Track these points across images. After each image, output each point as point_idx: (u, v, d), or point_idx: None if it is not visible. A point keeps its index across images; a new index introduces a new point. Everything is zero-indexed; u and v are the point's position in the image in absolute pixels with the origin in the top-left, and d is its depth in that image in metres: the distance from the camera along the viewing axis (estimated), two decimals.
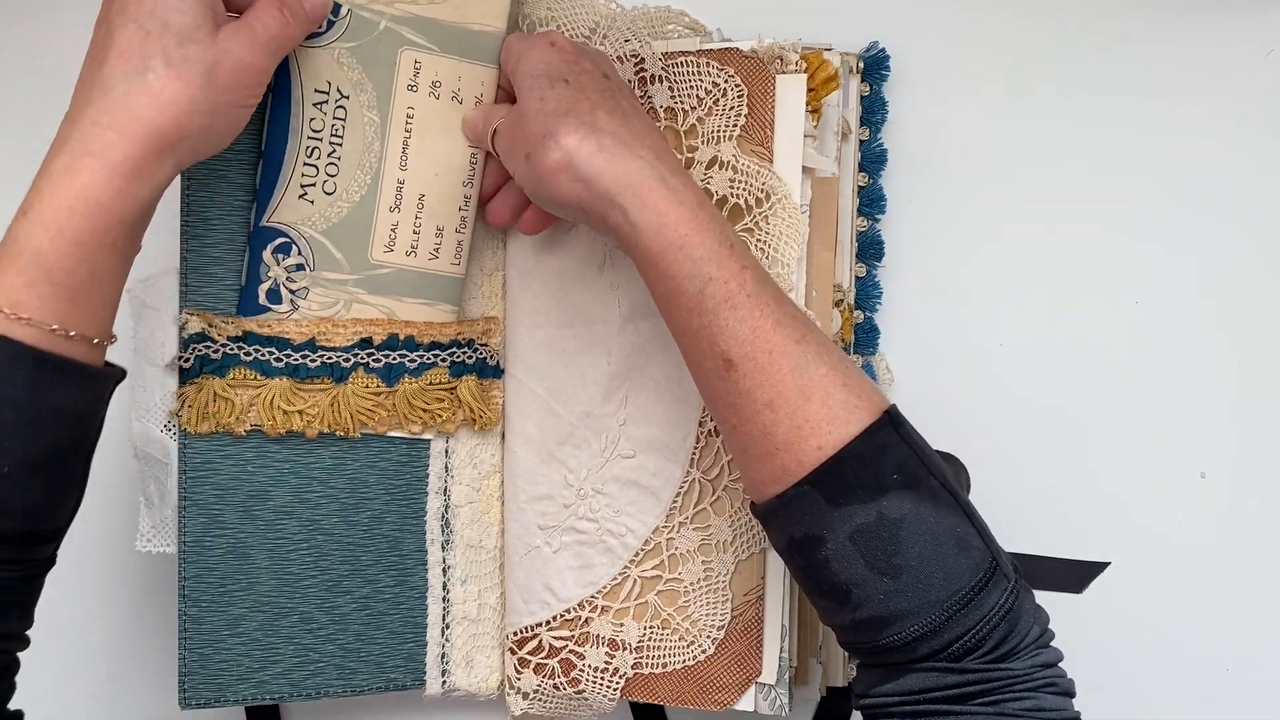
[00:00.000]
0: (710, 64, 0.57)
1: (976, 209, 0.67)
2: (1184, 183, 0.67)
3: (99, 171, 0.46)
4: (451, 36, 0.57)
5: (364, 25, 0.55)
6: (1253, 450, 0.68)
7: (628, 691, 0.60)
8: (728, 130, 0.57)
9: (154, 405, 0.57)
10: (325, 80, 0.55)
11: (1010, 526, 0.67)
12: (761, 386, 0.48)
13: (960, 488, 0.50)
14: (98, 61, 0.48)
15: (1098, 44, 0.67)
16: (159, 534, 0.58)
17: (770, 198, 0.56)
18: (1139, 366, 0.68)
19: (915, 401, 0.66)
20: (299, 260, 0.56)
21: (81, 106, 0.47)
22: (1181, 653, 0.68)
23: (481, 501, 0.61)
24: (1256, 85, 0.67)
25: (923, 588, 0.46)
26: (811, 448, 0.47)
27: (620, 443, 0.59)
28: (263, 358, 0.56)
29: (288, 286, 0.56)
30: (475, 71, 0.57)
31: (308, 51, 0.55)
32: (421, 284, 0.58)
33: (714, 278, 0.48)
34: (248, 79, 0.50)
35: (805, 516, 0.48)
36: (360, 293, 0.57)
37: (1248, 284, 0.68)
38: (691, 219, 0.49)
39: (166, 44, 0.47)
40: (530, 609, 0.61)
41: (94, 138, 0.46)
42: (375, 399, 0.58)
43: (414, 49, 0.56)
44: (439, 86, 0.57)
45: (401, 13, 0.56)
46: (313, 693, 0.59)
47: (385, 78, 0.56)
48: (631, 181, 0.49)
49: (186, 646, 0.57)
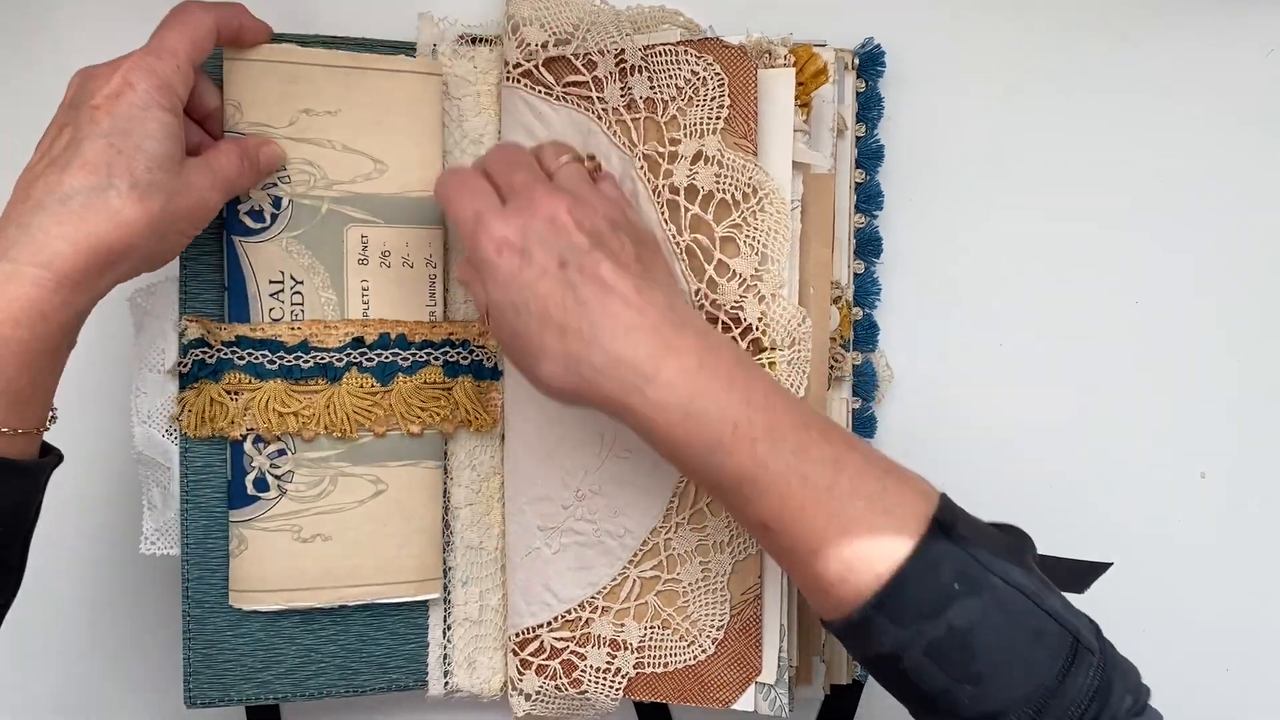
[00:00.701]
0: (689, 53, 0.57)
1: (975, 205, 0.66)
2: (1184, 182, 0.67)
3: (46, 283, 0.46)
4: (393, 207, 0.58)
5: (306, 212, 0.57)
6: (1253, 450, 0.67)
7: (631, 691, 0.60)
8: (710, 123, 0.57)
9: (155, 410, 0.58)
10: (278, 270, 0.57)
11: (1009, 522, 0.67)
12: (801, 540, 0.47)
13: (1026, 567, 0.49)
14: (57, 167, 0.47)
15: (1097, 42, 0.66)
16: (163, 537, 0.59)
17: (758, 193, 0.56)
18: (1139, 366, 0.67)
19: (914, 398, 0.66)
20: (280, 446, 0.57)
21: (32, 209, 0.46)
22: (1181, 653, 0.67)
23: (481, 503, 0.62)
24: (1256, 85, 0.67)
25: (1006, 688, 0.46)
26: (866, 579, 0.46)
27: (618, 441, 0.59)
28: (256, 361, 0.57)
29: (272, 473, 0.57)
30: (422, 235, 0.59)
31: (257, 246, 0.57)
32: (402, 447, 0.59)
33: (725, 465, 0.47)
34: (200, 214, 0.52)
35: (876, 638, 0.47)
36: (345, 465, 0.58)
37: (1248, 284, 0.67)
38: (683, 418, 0.47)
39: (135, 167, 0.47)
40: (531, 610, 0.61)
41: (44, 247, 0.46)
42: (371, 398, 0.58)
43: (358, 224, 0.58)
44: (389, 255, 0.58)
45: (341, 194, 0.57)
46: (315, 693, 0.60)
47: (335, 257, 0.57)
48: (612, 397, 0.48)
49: (191, 647, 0.58)
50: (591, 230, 0.50)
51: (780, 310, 0.57)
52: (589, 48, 0.57)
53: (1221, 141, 0.66)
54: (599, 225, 0.51)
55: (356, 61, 0.57)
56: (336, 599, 0.58)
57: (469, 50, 0.60)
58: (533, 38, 0.58)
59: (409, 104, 0.58)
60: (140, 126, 0.48)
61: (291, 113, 0.56)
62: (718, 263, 0.57)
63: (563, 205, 0.50)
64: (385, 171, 0.58)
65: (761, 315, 0.56)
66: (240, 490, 0.57)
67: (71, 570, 0.63)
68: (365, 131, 0.57)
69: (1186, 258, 0.67)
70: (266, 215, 0.57)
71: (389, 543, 0.59)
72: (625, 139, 0.58)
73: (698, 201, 0.57)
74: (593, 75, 0.58)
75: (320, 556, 0.58)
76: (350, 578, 0.58)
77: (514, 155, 0.53)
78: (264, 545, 0.57)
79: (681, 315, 0.50)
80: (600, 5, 0.58)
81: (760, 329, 0.57)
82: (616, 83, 0.58)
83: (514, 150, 0.54)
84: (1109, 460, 0.67)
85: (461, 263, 0.56)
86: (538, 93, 0.59)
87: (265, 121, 0.56)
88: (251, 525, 0.57)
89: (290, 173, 0.57)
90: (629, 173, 0.58)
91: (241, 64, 0.55)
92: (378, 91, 0.57)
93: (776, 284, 0.57)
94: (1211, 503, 0.67)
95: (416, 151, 0.58)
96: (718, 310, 0.57)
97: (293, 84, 0.56)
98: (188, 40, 0.50)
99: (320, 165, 0.57)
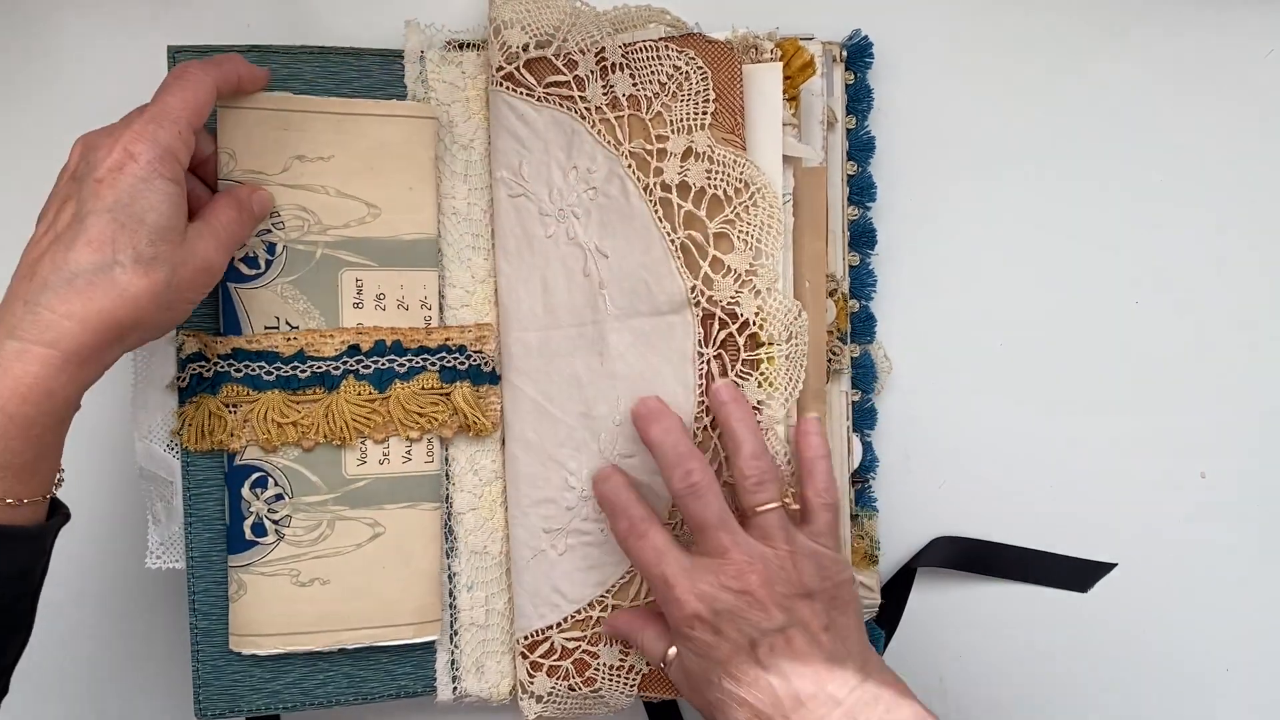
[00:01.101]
0: (670, 48, 0.57)
1: (968, 194, 0.66)
2: (1184, 181, 0.67)
3: (54, 361, 0.46)
4: (387, 250, 0.58)
5: (300, 257, 0.57)
6: (1253, 450, 0.67)
7: (645, 687, 0.61)
8: (698, 118, 0.57)
9: (156, 426, 0.58)
10: (274, 316, 0.57)
11: (1009, 520, 0.67)
12: None
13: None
14: (63, 244, 0.47)
15: (1093, 37, 0.66)
16: (168, 550, 0.59)
17: (750, 187, 0.56)
18: (1139, 365, 0.67)
19: (913, 389, 0.66)
20: (277, 491, 0.57)
21: (39, 288, 0.46)
22: (1181, 653, 0.67)
23: (484, 508, 0.62)
24: (1257, 85, 0.67)
25: None
26: None
27: (618, 443, 0.59)
28: (253, 372, 0.57)
29: (269, 518, 0.57)
30: (416, 277, 0.59)
31: (252, 292, 0.57)
32: (399, 488, 0.59)
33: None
34: (207, 278, 0.52)
35: None
36: (342, 509, 0.58)
37: (1248, 283, 0.67)
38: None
39: (139, 241, 0.47)
40: (540, 612, 0.61)
41: (51, 326, 0.46)
42: (369, 406, 0.58)
43: (353, 268, 0.58)
44: (384, 298, 0.58)
45: (335, 238, 0.57)
46: (324, 701, 0.60)
47: (330, 301, 0.58)
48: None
49: (200, 659, 0.58)
50: (785, 603, 0.51)
51: (777, 304, 0.57)
52: (569, 48, 0.58)
53: (1221, 141, 0.67)
54: (793, 596, 0.52)
55: (349, 108, 0.57)
56: (335, 643, 0.58)
57: (456, 56, 0.61)
58: (514, 40, 0.58)
59: (402, 148, 0.58)
60: (143, 199, 0.48)
61: (285, 159, 0.57)
62: (712, 259, 0.57)
63: (757, 576, 0.51)
64: (379, 215, 0.58)
65: (758, 310, 0.57)
66: (239, 535, 0.57)
67: (79, 586, 0.64)
68: (358, 176, 0.58)
69: (1186, 257, 0.67)
70: (261, 261, 0.57)
71: (388, 586, 0.59)
72: (610, 138, 0.58)
73: (690, 198, 0.57)
74: (573, 75, 0.58)
75: (318, 600, 0.58)
76: (349, 621, 0.58)
77: (708, 487, 0.53)
78: (263, 590, 0.57)
79: (871, 691, 0.50)
80: (582, 6, 0.58)
81: (758, 324, 0.57)
82: (598, 81, 0.58)
83: (708, 482, 0.54)
84: (1109, 460, 0.67)
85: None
86: (520, 95, 0.59)
87: (259, 169, 0.56)
88: (250, 570, 0.57)
89: (284, 218, 0.57)
90: (616, 171, 0.58)
91: (235, 112, 0.56)
92: (370, 136, 0.58)
93: (771, 278, 0.57)
94: (1211, 503, 0.67)
95: (410, 195, 0.59)
96: (714, 306, 0.57)
97: (285, 131, 0.56)
98: (190, 105, 0.50)
99: (314, 210, 0.57)
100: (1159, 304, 0.67)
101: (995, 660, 0.67)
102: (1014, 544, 0.66)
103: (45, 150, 0.54)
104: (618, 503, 0.56)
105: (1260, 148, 0.67)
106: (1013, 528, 0.67)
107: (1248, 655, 0.68)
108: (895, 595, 0.66)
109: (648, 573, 0.54)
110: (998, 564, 0.66)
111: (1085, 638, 0.67)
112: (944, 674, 0.67)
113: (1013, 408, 0.67)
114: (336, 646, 0.58)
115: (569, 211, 0.59)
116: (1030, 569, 0.67)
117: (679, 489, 0.54)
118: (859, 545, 0.64)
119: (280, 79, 0.58)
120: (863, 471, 0.64)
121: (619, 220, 0.58)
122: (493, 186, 0.61)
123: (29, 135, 0.49)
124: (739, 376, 0.57)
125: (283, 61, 0.58)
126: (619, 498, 0.56)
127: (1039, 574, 0.67)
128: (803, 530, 0.55)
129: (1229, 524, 0.67)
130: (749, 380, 0.57)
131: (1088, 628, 0.67)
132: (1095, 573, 0.67)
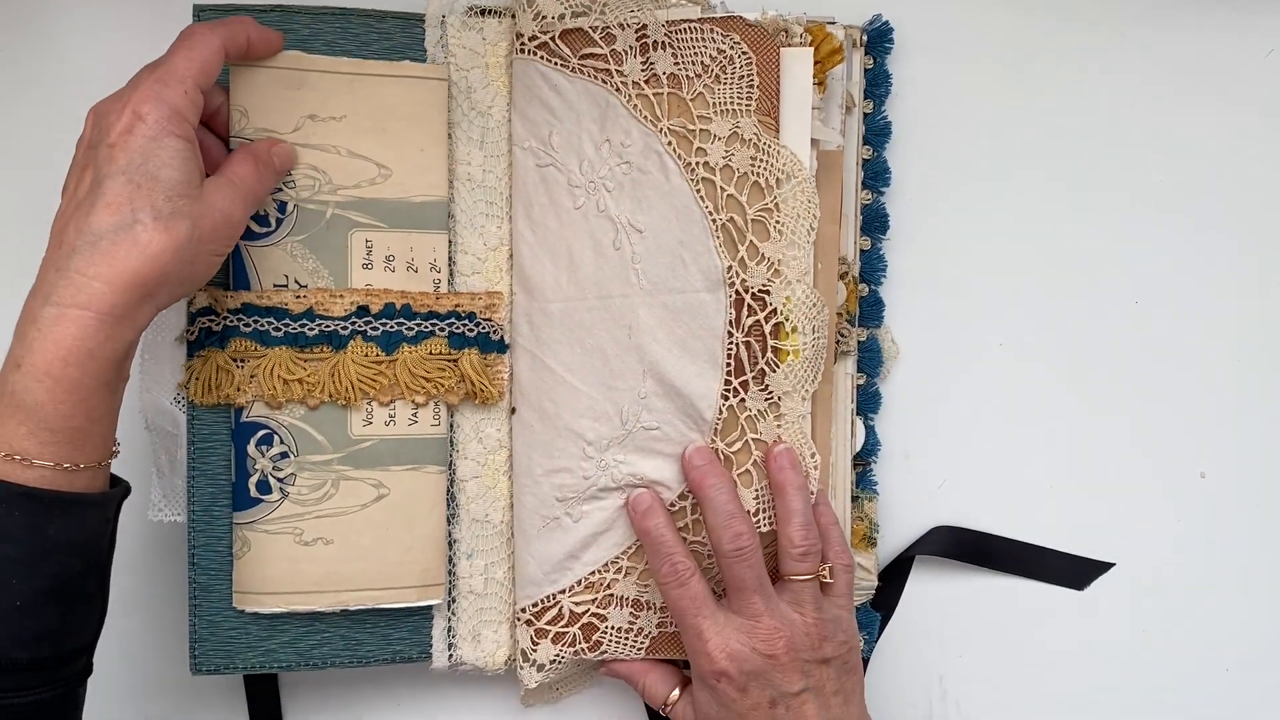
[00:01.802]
0: (714, 30, 0.57)
1: (980, 181, 0.66)
2: (1184, 181, 0.67)
3: (89, 322, 0.47)
4: (397, 211, 0.58)
5: (311, 216, 0.57)
6: (1253, 450, 0.67)
7: (653, 650, 0.61)
8: (742, 103, 0.57)
9: (164, 378, 0.58)
10: (282, 275, 0.57)
11: (1009, 515, 0.67)
12: None
13: None
14: (84, 210, 0.48)
15: (1098, 34, 0.67)
16: (170, 503, 0.59)
17: (791, 179, 0.57)
18: (1139, 365, 0.67)
19: (919, 374, 0.66)
20: (282, 449, 0.58)
21: (67, 254, 0.48)
22: (1181, 653, 0.67)
23: (487, 476, 0.62)
24: (1256, 85, 0.67)
25: None
26: None
27: (643, 415, 0.59)
28: (262, 328, 0.57)
29: (275, 476, 0.58)
30: (426, 239, 0.59)
31: (262, 250, 0.57)
32: (404, 450, 0.59)
33: None
34: (227, 230, 0.52)
35: None
36: (347, 469, 0.58)
37: (1248, 283, 0.67)
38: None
39: (155, 198, 0.48)
40: (551, 578, 0.61)
41: (82, 288, 0.47)
42: (375, 367, 0.58)
43: (363, 229, 0.58)
44: (393, 260, 0.59)
45: (345, 198, 0.58)
46: (320, 663, 0.60)
47: (339, 261, 0.58)
48: None
49: (197, 614, 0.58)
50: (806, 669, 0.56)
51: (804, 296, 0.57)
52: (607, 21, 0.58)
53: (1222, 141, 0.67)
54: (813, 663, 0.56)
55: (362, 68, 0.58)
56: (337, 603, 0.58)
57: (478, 22, 0.61)
58: (549, 9, 0.58)
59: (414, 109, 0.58)
60: (155, 157, 0.49)
61: (297, 118, 0.57)
62: (749, 245, 0.57)
63: (784, 642, 0.55)
64: (390, 176, 0.58)
65: (786, 300, 0.57)
66: (244, 492, 0.58)
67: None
68: (370, 137, 0.58)
69: (1186, 257, 0.67)
70: (271, 219, 0.57)
71: (391, 547, 0.59)
72: (648, 113, 0.58)
73: (733, 182, 0.57)
74: (611, 49, 0.58)
75: (322, 560, 0.58)
76: (352, 582, 0.58)
77: (754, 551, 0.56)
78: (266, 548, 0.57)
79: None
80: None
81: (784, 314, 0.57)
82: (637, 57, 0.58)
83: (754, 546, 0.56)
84: (1109, 460, 0.67)
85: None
86: (553, 64, 0.59)
87: (270, 127, 0.56)
88: (254, 527, 0.57)
89: (295, 177, 0.57)
90: (654, 147, 0.58)
91: (247, 70, 0.56)
92: (383, 97, 0.58)
93: (802, 270, 0.57)
94: (1211, 503, 0.67)
95: (421, 157, 0.59)
96: (746, 292, 0.57)
97: (298, 90, 0.57)
98: (195, 65, 0.51)
99: (325, 170, 0.57)
100: (1159, 304, 0.67)
101: (994, 657, 0.67)
102: (1013, 537, 0.67)
103: (49, 133, 0.54)
104: (662, 544, 0.58)
105: (1261, 147, 0.67)
106: (1012, 521, 0.67)
107: (1248, 655, 0.68)
108: (893, 582, 0.66)
109: (682, 620, 0.57)
110: (996, 557, 0.67)
111: (1085, 637, 0.67)
112: (944, 673, 0.67)
113: (1013, 402, 0.67)
114: (340, 607, 0.59)
115: (600, 184, 0.59)
116: (1028, 564, 0.67)
117: (727, 549, 0.56)
118: (858, 527, 0.64)
119: (301, 39, 0.58)
120: (864, 455, 0.64)
121: (656, 196, 0.58)
122: (514, 154, 0.61)
123: (32, 117, 0.49)
124: (768, 366, 0.58)
125: (304, 22, 0.58)
126: (664, 538, 0.58)
127: (1036, 569, 0.67)
128: (828, 595, 0.58)
129: (1229, 524, 0.67)
130: (775, 372, 0.58)
131: (1087, 626, 0.67)
132: (1093, 571, 0.67)
